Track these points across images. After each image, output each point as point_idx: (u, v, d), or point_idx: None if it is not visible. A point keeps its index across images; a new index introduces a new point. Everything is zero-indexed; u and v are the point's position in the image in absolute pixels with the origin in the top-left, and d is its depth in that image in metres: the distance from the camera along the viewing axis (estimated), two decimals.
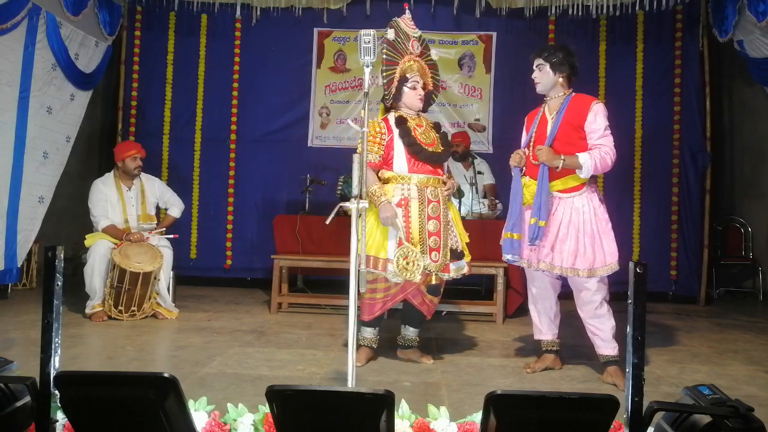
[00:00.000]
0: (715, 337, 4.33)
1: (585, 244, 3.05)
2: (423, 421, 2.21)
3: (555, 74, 3.22)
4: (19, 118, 4.79)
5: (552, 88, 3.24)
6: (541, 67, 3.27)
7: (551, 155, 3.06)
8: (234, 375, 3.05)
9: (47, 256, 1.87)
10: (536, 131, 3.24)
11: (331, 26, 6.26)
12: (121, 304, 4.34)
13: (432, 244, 3.23)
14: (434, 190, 3.29)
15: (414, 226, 3.21)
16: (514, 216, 3.19)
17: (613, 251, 3.07)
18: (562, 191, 3.12)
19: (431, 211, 3.25)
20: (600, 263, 3.05)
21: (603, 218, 3.11)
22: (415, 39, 3.37)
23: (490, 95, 6.26)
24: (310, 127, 6.34)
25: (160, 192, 4.93)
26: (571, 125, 3.12)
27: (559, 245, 3.08)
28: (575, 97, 3.21)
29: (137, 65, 6.32)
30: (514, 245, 3.18)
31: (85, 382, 1.80)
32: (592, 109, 3.10)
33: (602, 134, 3.08)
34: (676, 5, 5.82)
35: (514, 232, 3.18)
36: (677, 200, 5.96)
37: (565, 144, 3.11)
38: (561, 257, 3.06)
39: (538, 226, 3.05)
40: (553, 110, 3.22)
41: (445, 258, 3.27)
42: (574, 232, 3.06)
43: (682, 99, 5.96)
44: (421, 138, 3.27)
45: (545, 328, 3.33)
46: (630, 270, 1.82)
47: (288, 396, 1.69)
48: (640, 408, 1.74)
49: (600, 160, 3.03)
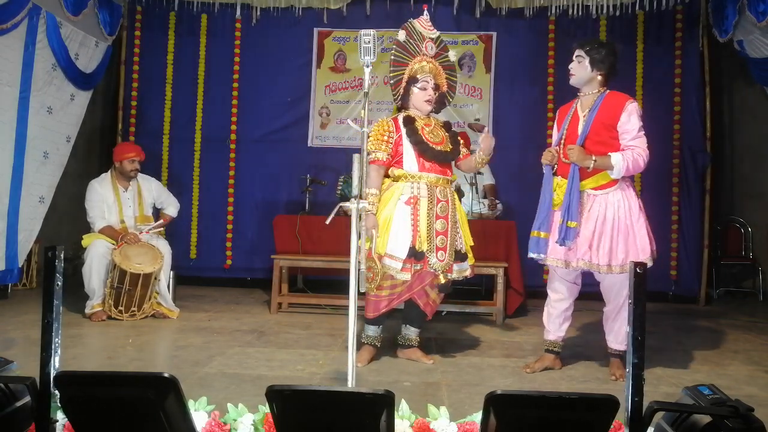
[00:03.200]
0: (715, 337, 4.32)
1: (619, 240, 3.03)
2: (423, 421, 2.21)
3: (592, 70, 3.14)
4: (20, 118, 4.79)
5: (587, 83, 3.17)
6: (579, 59, 3.17)
7: (582, 155, 3.02)
8: (234, 375, 3.05)
9: (47, 256, 1.87)
10: (568, 128, 3.19)
11: (331, 26, 6.25)
12: (121, 305, 4.34)
13: (439, 243, 3.23)
14: (443, 190, 3.30)
15: (422, 224, 3.21)
16: (542, 214, 3.16)
17: (646, 247, 3.06)
18: (596, 188, 3.09)
19: (440, 210, 3.26)
20: (632, 259, 3.03)
21: (638, 213, 3.09)
22: (431, 40, 3.38)
23: (490, 95, 6.26)
24: (310, 127, 6.34)
25: (157, 193, 4.93)
26: (603, 124, 3.07)
27: (596, 242, 3.05)
28: (609, 94, 3.15)
29: (137, 65, 6.31)
30: (540, 243, 3.15)
31: (85, 382, 1.80)
32: (627, 108, 3.05)
33: (636, 135, 3.05)
34: (676, 5, 5.81)
35: (541, 230, 3.14)
36: (677, 200, 5.95)
37: (597, 143, 3.07)
38: (598, 255, 3.04)
39: (567, 226, 3.02)
40: (585, 107, 3.17)
41: (450, 258, 3.27)
42: (610, 229, 3.04)
43: (682, 99, 5.95)
44: (429, 137, 3.28)
45: (552, 329, 3.32)
46: (630, 270, 1.82)
47: (288, 396, 1.69)
48: (640, 408, 1.75)
49: (632, 161, 3.01)
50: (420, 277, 3.30)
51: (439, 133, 3.35)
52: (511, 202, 5.89)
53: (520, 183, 6.08)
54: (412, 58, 3.31)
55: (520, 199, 6.04)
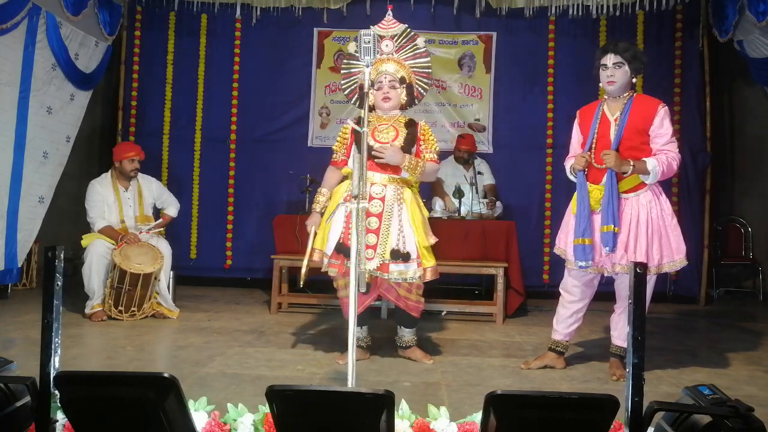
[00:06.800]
0: (715, 337, 4.32)
1: (653, 241, 3.03)
2: (423, 421, 2.21)
3: (632, 75, 3.09)
4: (19, 118, 4.79)
5: (624, 89, 3.12)
6: (619, 65, 3.07)
7: (619, 160, 2.99)
8: (234, 375, 3.05)
9: (47, 256, 1.87)
10: (598, 133, 3.14)
11: (331, 26, 6.25)
12: (121, 305, 4.34)
13: (368, 241, 3.19)
14: (384, 188, 3.27)
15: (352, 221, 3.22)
16: (583, 221, 3.08)
17: (680, 247, 3.06)
18: (627, 191, 3.07)
19: (372, 208, 3.21)
20: (667, 259, 3.04)
21: (669, 213, 3.09)
22: (389, 38, 3.38)
23: (490, 95, 6.25)
24: (310, 127, 6.34)
25: (157, 192, 4.93)
26: (636, 129, 3.05)
27: (633, 245, 3.03)
28: (638, 98, 3.12)
29: (137, 65, 6.31)
30: (587, 251, 3.07)
31: (85, 382, 1.80)
32: (659, 113, 3.04)
33: (669, 140, 3.04)
34: (676, 5, 5.82)
35: (585, 237, 3.07)
36: (677, 200, 5.95)
37: (630, 148, 3.05)
38: (636, 257, 3.01)
39: (614, 233, 2.99)
40: (615, 111, 3.12)
41: (381, 257, 3.20)
42: (644, 230, 3.03)
43: (682, 99, 5.96)
44: (377, 136, 3.29)
45: (560, 329, 3.31)
46: (630, 270, 1.82)
47: (288, 396, 1.69)
48: (640, 408, 1.75)
49: (667, 165, 3.00)
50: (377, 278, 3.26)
51: (391, 132, 3.31)
52: (511, 202, 5.89)
53: (520, 183, 6.09)
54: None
55: (520, 199, 6.05)
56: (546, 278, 5.85)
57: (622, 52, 3.05)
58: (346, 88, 3.54)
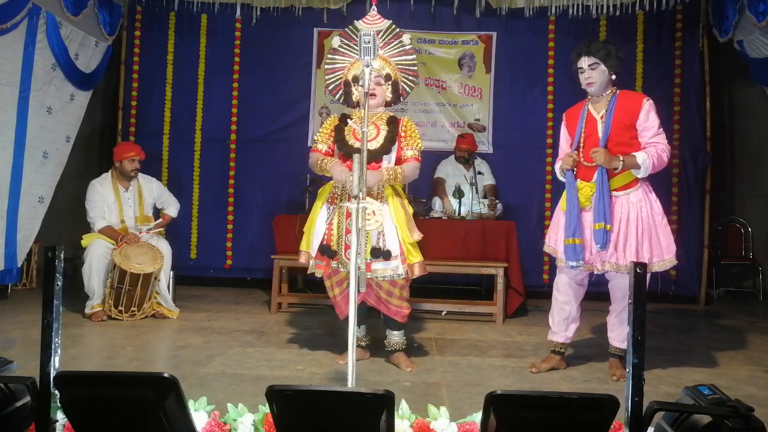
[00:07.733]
0: (715, 337, 4.32)
1: (644, 240, 3.03)
2: (423, 421, 2.21)
3: (610, 73, 3.11)
4: (19, 118, 4.79)
5: (605, 87, 3.14)
6: (595, 66, 3.10)
7: (608, 157, 3.00)
8: (234, 375, 3.05)
9: (47, 256, 1.87)
10: (585, 131, 3.16)
11: (331, 26, 6.25)
12: (121, 305, 4.34)
13: (348, 242, 3.15)
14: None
15: (334, 222, 3.22)
16: (573, 221, 3.09)
17: (670, 246, 3.07)
18: (618, 189, 3.08)
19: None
20: (657, 258, 3.04)
21: (659, 212, 3.10)
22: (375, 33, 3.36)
23: (490, 95, 6.26)
24: (310, 127, 6.34)
25: (157, 192, 4.93)
26: (623, 125, 3.06)
27: (623, 244, 3.04)
28: (622, 94, 3.14)
29: (137, 65, 6.31)
30: (577, 250, 3.08)
31: (85, 382, 1.80)
32: (644, 107, 3.06)
33: (656, 132, 3.06)
34: (676, 5, 5.82)
35: (575, 237, 3.08)
36: (677, 200, 5.95)
37: (618, 144, 3.06)
38: (625, 256, 3.02)
39: (605, 230, 2.99)
40: (600, 109, 3.14)
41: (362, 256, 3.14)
42: (634, 229, 3.04)
43: (682, 99, 5.96)
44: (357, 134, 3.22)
45: (559, 330, 3.31)
46: (630, 270, 1.82)
47: (288, 396, 1.69)
48: (640, 408, 1.75)
49: (657, 158, 3.02)
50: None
51: (372, 130, 3.25)
52: (511, 202, 5.88)
53: (520, 183, 6.09)
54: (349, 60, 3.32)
55: (520, 199, 6.05)
56: (546, 278, 5.84)
57: (595, 52, 3.08)
58: (330, 83, 3.42)
